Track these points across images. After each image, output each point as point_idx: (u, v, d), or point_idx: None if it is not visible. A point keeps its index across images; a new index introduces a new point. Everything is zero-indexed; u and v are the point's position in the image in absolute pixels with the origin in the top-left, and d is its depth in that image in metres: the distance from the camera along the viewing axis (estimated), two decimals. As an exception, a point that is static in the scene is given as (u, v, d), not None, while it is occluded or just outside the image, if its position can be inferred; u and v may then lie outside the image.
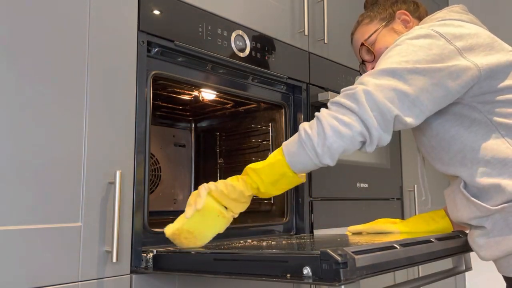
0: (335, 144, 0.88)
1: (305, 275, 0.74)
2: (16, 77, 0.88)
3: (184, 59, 1.24)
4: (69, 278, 0.92)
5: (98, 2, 1.02)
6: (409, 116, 0.89)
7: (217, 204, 0.98)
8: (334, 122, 0.88)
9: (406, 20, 1.17)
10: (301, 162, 0.93)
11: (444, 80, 0.90)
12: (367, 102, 0.87)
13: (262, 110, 1.67)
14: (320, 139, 0.89)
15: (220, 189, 0.99)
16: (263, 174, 0.96)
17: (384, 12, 1.19)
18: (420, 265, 1.14)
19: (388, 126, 0.89)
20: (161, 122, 1.87)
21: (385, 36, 1.17)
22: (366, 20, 1.22)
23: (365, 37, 1.19)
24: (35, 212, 0.88)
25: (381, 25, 1.18)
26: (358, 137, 0.89)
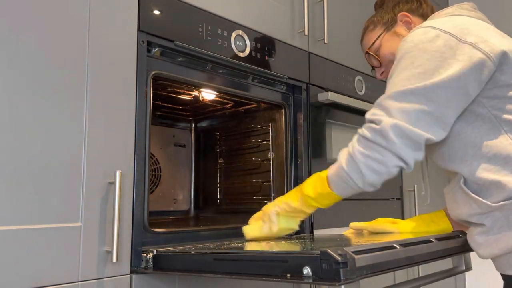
0: (373, 179, 0.94)
1: (305, 275, 0.74)
2: (16, 77, 0.88)
3: (184, 59, 1.24)
4: (69, 278, 0.92)
5: (98, 2, 1.02)
6: (437, 133, 0.92)
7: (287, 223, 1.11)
8: (368, 161, 0.93)
9: (407, 21, 1.17)
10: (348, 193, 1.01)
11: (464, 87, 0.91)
12: (396, 136, 0.90)
13: (262, 110, 1.67)
14: (359, 178, 0.95)
15: (286, 210, 1.10)
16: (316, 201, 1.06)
17: (386, 16, 1.20)
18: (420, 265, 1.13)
19: (421, 147, 0.92)
20: (161, 122, 1.87)
21: (389, 41, 1.17)
22: (371, 27, 1.23)
23: (369, 45, 1.20)
24: (35, 212, 0.89)
25: (383, 30, 1.18)
26: (394, 169, 0.93)
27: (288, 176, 1.55)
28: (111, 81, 1.03)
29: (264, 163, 1.65)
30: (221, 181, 1.84)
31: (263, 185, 1.64)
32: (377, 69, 1.22)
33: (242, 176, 1.75)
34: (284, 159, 1.55)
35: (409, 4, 1.20)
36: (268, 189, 1.61)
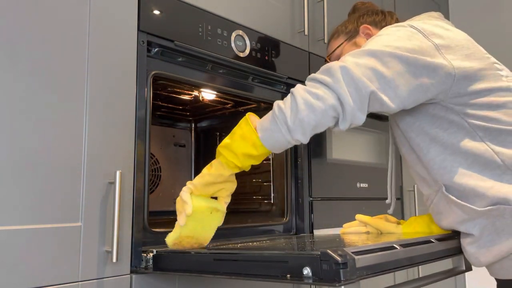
0: (307, 118, 0.86)
1: (305, 276, 0.74)
2: (16, 78, 0.88)
3: (184, 59, 1.24)
4: (69, 278, 0.92)
5: (98, 2, 1.02)
6: (384, 95, 0.88)
7: (205, 202, 0.97)
8: (307, 96, 0.86)
9: (368, 34, 1.21)
10: (273, 137, 0.90)
11: (420, 72, 0.90)
12: (343, 76, 0.85)
13: (262, 110, 1.66)
14: (293, 113, 0.87)
15: (199, 183, 0.96)
16: (235, 148, 0.93)
17: (350, 26, 1.24)
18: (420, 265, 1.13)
19: (363, 104, 0.86)
20: (161, 122, 1.87)
21: (348, 50, 1.20)
22: (335, 35, 1.28)
23: (329, 52, 1.25)
24: (35, 212, 0.88)
25: (345, 40, 1.23)
26: (331, 111, 0.86)
27: (288, 176, 1.55)
28: (111, 81, 1.03)
29: (264, 163, 1.65)
30: (221, 181, 1.83)
31: (263, 185, 1.64)
32: None
33: (242, 176, 1.74)
34: (284, 159, 1.55)
35: (373, 17, 1.23)
36: (268, 189, 1.61)
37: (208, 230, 1.00)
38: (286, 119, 0.87)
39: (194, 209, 0.94)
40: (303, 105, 0.86)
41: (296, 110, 0.87)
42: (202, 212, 0.96)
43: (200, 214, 0.96)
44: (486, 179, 0.90)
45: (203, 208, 0.96)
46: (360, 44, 1.19)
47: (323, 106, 0.85)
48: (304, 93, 0.87)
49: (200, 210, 0.96)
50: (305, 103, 0.86)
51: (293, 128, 0.87)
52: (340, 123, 0.88)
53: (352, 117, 0.86)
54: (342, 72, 0.86)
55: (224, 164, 0.95)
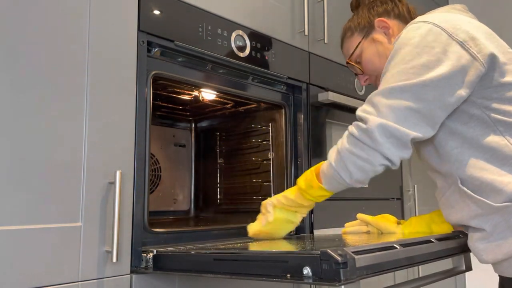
0: (360, 177, 0.97)
1: (305, 275, 0.74)
2: (16, 78, 0.88)
3: (184, 59, 1.24)
4: (69, 278, 0.92)
5: (98, 2, 1.02)
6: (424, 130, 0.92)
7: (284, 215, 1.15)
8: (355, 160, 0.95)
9: (385, 27, 1.16)
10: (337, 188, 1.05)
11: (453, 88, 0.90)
12: (381, 136, 0.91)
13: (262, 110, 1.67)
14: (347, 175, 0.97)
15: (281, 202, 1.14)
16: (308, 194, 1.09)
17: (362, 21, 1.18)
18: (420, 265, 1.13)
19: (407, 146, 0.92)
20: (161, 122, 1.87)
21: (368, 48, 1.16)
22: (348, 33, 1.21)
23: (348, 54, 1.20)
24: (35, 212, 0.88)
25: (362, 38, 1.17)
26: (380, 168, 0.95)
27: (288, 176, 1.55)
28: (111, 81, 1.03)
29: (264, 163, 1.65)
30: (221, 181, 1.84)
31: (263, 185, 1.64)
32: (360, 76, 1.21)
33: (242, 176, 1.75)
34: (284, 159, 1.55)
35: (384, 6, 1.18)
36: (268, 189, 1.61)
37: (282, 233, 1.19)
38: (343, 178, 0.99)
39: (274, 218, 1.14)
40: (354, 169, 0.96)
41: (348, 173, 0.97)
42: (280, 222, 1.15)
43: (278, 222, 1.15)
44: (505, 174, 0.90)
45: (281, 219, 1.15)
46: (378, 39, 1.15)
47: (372, 167, 0.95)
48: (351, 156, 0.95)
49: (278, 220, 1.15)
50: (354, 166, 0.96)
51: (351, 184, 1.00)
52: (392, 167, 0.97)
53: (400, 160, 0.95)
54: (379, 131, 0.91)
55: (302, 197, 1.11)
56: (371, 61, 1.15)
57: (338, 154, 0.98)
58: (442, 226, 1.12)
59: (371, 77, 1.19)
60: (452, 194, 0.98)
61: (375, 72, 1.15)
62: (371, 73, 1.17)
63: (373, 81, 1.19)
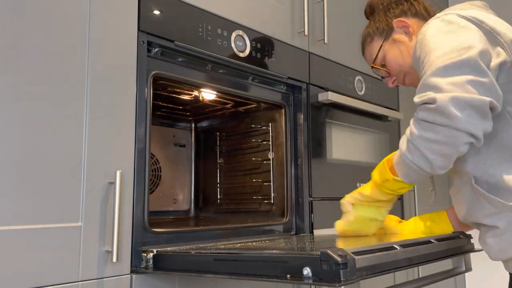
0: (442, 163, 0.87)
1: (305, 276, 0.74)
2: (16, 78, 0.88)
3: (184, 59, 1.24)
4: (69, 278, 0.92)
5: (98, 2, 1.02)
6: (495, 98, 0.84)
7: (365, 213, 1.09)
8: (432, 145, 0.85)
9: (404, 26, 1.15)
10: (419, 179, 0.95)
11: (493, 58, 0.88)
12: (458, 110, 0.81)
13: (262, 110, 1.67)
14: (427, 165, 0.88)
15: (359, 199, 1.08)
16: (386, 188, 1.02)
17: (381, 25, 1.18)
18: (420, 266, 1.13)
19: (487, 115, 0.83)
20: (161, 122, 1.87)
21: (390, 50, 1.16)
22: (368, 39, 1.21)
23: (372, 59, 1.19)
24: (35, 212, 0.89)
25: (382, 41, 1.16)
26: (464, 147, 0.85)
27: (288, 176, 1.55)
28: (111, 81, 1.03)
29: (264, 163, 1.65)
30: (221, 181, 1.84)
31: (263, 185, 1.64)
32: (387, 79, 1.21)
33: (242, 176, 1.75)
34: (284, 159, 1.55)
35: (400, 7, 1.18)
36: (268, 189, 1.61)
37: (368, 231, 1.12)
38: (424, 170, 0.90)
39: (355, 217, 1.09)
40: (433, 155, 0.86)
41: (429, 162, 0.88)
42: (362, 220, 1.10)
43: (360, 221, 1.09)
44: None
45: (363, 217, 1.09)
46: (400, 39, 1.14)
47: (454, 149, 0.85)
48: (427, 143, 0.86)
49: (360, 219, 1.09)
50: (433, 153, 0.86)
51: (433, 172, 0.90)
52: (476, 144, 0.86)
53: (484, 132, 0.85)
54: (455, 106, 0.81)
55: (379, 192, 1.04)
56: (396, 61, 1.15)
57: (410, 143, 0.89)
58: (441, 226, 1.12)
59: (398, 77, 1.18)
60: (466, 192, 0.96)
61: (402, 72, 1.15)
62: (398, 73, 1.17)
63: (401, 80, 1.18)
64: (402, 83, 1.19)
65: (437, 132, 0.84)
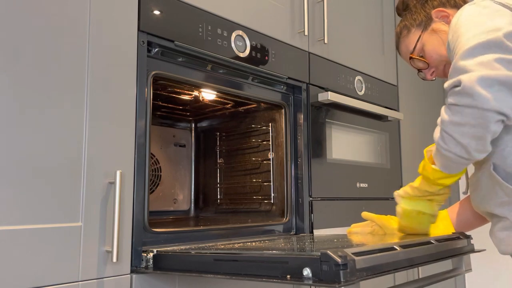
0: (479, 146, 0.85)
1: (305, 276, 0.74)
2: (16, 77, 0.88)
3: (184, 59, 1.24)
4: (69, 278, 0.92)
5: (98, 2, 1.02)
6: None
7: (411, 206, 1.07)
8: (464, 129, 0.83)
9: (444, 15, 1.12)
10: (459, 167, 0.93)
11: None
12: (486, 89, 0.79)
13: (262, 110, 1.67)
14: (462, 150, 0.86)
15: (408, 192, 1.07)
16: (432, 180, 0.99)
17: (418, 16, 1.16)
18: (420, 266, 1.13)
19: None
20: (161, 122, 1.87)
21: (430, 40, 1.13)
22: (404, 32, 1.19)
23: (410, 50, 1.17)
24: (35, 212, 0.89)
25: (421, 31, 1.14)
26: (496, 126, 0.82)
27: (288, 176, 1.55)
28: (111, 81, 1.03)
29: (264, 163, 1.65)
30: (221, 181, 1.84)
31: (263, 185, 1.64)
32: (425, 71, 1.18)
33: (242, 176, 1.75)
34: (284, 159, 1.55)
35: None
36: (268, 189, 1.61)
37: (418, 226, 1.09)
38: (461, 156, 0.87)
39: (402, 210, 1.08)
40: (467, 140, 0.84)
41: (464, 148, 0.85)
42: (409, 215, 1.08)
43: (407, 215, 1.08)
44: None
45: (409, 211, 1.08)
46: (440, 29, 1.12)
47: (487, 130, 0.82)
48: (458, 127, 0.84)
49: (406, 213, 1.08)
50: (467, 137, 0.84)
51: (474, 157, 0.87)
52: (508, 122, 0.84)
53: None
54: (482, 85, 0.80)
55: (428, 183, 1.02)
56: (436, 51, 1.12)
57: (443, 131, 0.87)
58: (441, 226, 1.13)
59: (437, 69, 1.15)
60: (484, 178, 0.95)
61: (442, 62, 1.12)
62: (438, 64, 1.14)
63: (441, 71, 1.15)
64: (441, 74, 1.16)
65: (466, 114, 0.82)
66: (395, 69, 2.11)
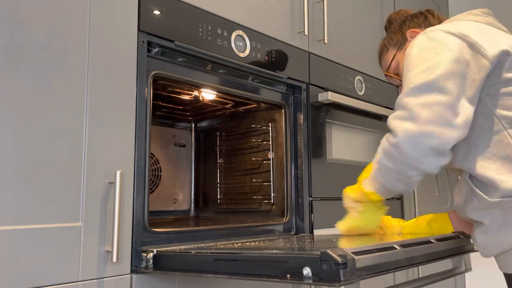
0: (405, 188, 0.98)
1: (305, 276, 0.74)
2: (16, 77, 0.88)
3: (184, 59, 1.24)
4: (69, 278, 0.92)
5: (98, 2, 1.02)
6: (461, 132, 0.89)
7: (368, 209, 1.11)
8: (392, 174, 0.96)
9: None
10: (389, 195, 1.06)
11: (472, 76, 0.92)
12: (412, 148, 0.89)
13: (262, 110, 1.67)
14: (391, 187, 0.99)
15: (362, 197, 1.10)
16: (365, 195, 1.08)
17: (395, 36, 1.23)
18: (420, 266, 1.13)
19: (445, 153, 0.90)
20: (161, 122, 1.87)
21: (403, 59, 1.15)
22: (384, 50, 1.26)
23: (386, 67, 1.24)
24: (35, 212, 0.89)
25: (396, 51, 1.21)
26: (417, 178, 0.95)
27: (288, 176, 1.55)
28: (111, 81, 1.03)
29: (264, 163, 1.65)
30: (221, 181, 1.84)
31: (263, 185, 1.64)
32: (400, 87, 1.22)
33: (242, 176, 1.75)
34: (284, 159, 1.55)
35: (415, 20, 1.22)
36: (268, 189, 1.61)
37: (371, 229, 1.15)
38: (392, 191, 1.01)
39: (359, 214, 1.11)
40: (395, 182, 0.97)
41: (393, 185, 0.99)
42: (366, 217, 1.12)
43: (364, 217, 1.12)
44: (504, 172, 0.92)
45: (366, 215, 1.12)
46: None
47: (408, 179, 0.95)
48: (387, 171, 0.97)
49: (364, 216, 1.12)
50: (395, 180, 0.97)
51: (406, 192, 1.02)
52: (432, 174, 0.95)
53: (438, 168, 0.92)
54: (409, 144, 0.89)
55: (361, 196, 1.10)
56: None
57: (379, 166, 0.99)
58: (442, 226, 1.13)
59: None
60: (463, 187, 1.00)
61: None
62: None
63: None
64: None
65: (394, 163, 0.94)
66: (395, 69, 2.10)
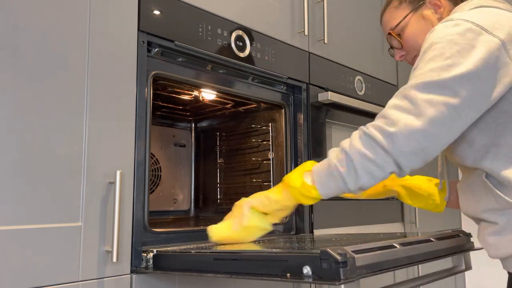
0: (366, 183, 0.89)
1: (305, 274, 0.74)
2: (16, 77, 0.89)
3: (184, 59, 1.24)
4: (69, 278, 0.92)
5: (98, 2, 1.02)
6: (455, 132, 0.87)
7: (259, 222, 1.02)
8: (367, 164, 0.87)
9: (436, 5, 1.08)
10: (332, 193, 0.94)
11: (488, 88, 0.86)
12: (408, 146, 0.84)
13: (262, 110, 1.67)
14: (353, 179, 0.89)
15: (263, 205, 1.02)
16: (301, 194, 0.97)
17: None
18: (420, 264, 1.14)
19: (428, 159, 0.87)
20: (161, 122, 1.87)
21: (415, 24, 1.10)
22: (395, 3, 1.13)
23: (392, 24, 1.13)
24: (35, 212, 0.89)
25: (410, 11, 1.10)
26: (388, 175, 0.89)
27: (288, 176, 1.54)
28: (111, 81, 1.03)
29: (264, 163, 1.65)
30: (221, 181, 1.84)
31: (263, 185, 1.64)
32: (397, 50, 1.15)
33: (242, 176, 1.75)
34: (284, 159, 1.55)
35: None
36: (268, 189, 1.61)
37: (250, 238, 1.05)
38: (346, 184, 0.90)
39: (249, 223, 1.01)
40: (363, 173, 0.87)
41: (356, 177, 0.88)
42: (255, 228, 1.02)
43: (252, 228, 1.02)
44: None
45: (258, 226, 1.02)
46: (428, 17, 1.08)
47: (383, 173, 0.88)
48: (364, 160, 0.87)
49: (254, 226, 1.02)
50: (364, 170, 0.87)
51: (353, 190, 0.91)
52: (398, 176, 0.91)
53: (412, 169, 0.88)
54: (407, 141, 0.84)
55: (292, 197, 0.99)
56: (415, 39, 1.09)
57: (346, 156, 0.89)
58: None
59: (408, 54, 1.13)
60: (475, 184, 0.96)
61: (414, 51, 1.10)
62: (410, 50, 1.12)
63: (410, 59, 1.13)
64: (410, 61, 1.14)
65: (378, 154, 0.86)
66: (395, 69, 2.11)
